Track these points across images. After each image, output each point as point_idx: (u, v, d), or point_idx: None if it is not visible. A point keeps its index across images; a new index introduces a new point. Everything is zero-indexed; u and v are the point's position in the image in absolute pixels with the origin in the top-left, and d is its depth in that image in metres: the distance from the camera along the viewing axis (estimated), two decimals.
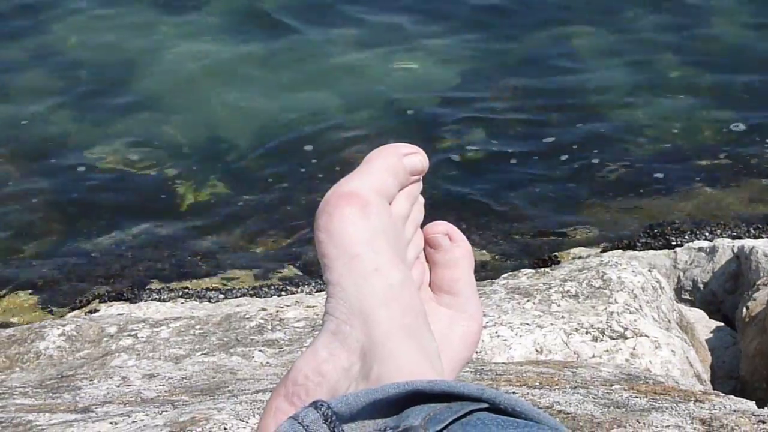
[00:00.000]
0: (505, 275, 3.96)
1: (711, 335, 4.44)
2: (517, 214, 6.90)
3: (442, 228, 1.18)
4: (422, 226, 1.20)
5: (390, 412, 0.92)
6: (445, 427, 0.88)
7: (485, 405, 0.92)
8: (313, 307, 3.79)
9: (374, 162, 1.12)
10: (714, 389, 2.84)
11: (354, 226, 1.06)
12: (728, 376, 4.15)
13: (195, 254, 6.66)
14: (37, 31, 9.29)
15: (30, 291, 6.39)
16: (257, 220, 6.96)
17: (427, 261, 1.20)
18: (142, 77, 8.62)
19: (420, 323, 1.05)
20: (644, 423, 1.95)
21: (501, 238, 6.70)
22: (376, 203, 1.09)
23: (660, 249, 5.85)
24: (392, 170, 1.12)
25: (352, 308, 1.04)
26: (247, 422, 1.94)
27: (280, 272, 6.47)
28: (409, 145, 1.15)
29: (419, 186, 1.18)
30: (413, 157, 1.14)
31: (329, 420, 0.91)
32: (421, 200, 1.19)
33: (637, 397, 2.22)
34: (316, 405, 0.93)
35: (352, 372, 1.01)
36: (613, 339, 3.15)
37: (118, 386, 2.75)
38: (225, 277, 6.44)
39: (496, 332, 3.13)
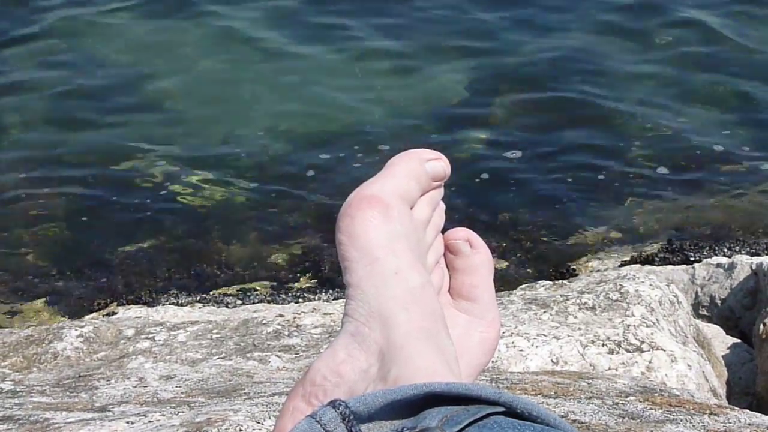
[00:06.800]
0: (523, 286, 3.96)
1: (728, 351, 4.43)
2: (536, 226, 6.90)
3: (462, 234, 1.19)
4: (443, 231, 1.20)
5: (407, 413, 0.93)
6: (461, 430, 0.89)
7: (502, 408, 0.92)
8: (330, 314, 3.80)
9: (397, 166, 1.13)
10: (730, 405, 2.83)
11: (375, 229, 1.07)
12: (744, 393, 4.14)
13: (213, 260, 6.67)
14: (56, 37, 9.34)
15: (49, 294, 6.41)
16: (275, 226, 6.96)
17: (447, 267, 1.20)
18: (161, 84, 8.65)
19: (439, 327, 1.05)
20: None
21: (519, 250, 6.69)
22: (398, 207, 1.09)
23: (678, 264, 5.85)
24: (414, 175, 1.13)
25: (371, 310, 1.04)
26: (262, 424, 1.95)
27: (298, 279, 6.47)
28: (432, 150, 1.15)
29: (441, 192, 1.18)
30: (435, 163, 1.14)
31: (347, 419, 0.92)
32: (443, 206, 1.20)
33: (651, 408, 2.22)
34: (334, 404, 0.93)
35: (370, 373, 1.02)
36: (630, 352, 3.15)
37: (135, 387, 2.76)
38: (243, 283, 6.45)
39: (513, 342, 3.13)
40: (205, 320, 4.01)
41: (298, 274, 6.53)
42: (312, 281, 6.46)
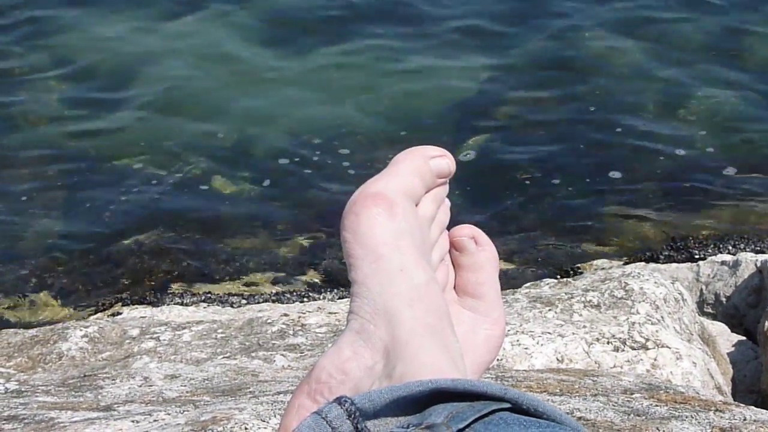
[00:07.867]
0: (528, 284, 3.96)
1: (733, 349, 4.42)
2: (541, 225, 6.89)
3: (467, 231, 1.18)
4: (448, 228, 1.20)
5: (413, 409, 0.93)
6: (467, 426, 0.89)
7: (508, 405, 0.92)
8: (335, 313, 3.80)
9: (401, 164, 1.12)
10: (735, 402, 2.83)
11: (380, 226, 1.07)
12: (749, 390, 4.13)
13: (218, 260, 6.67)
14: (61, 33, 9.34)
15: (53, 293, 6.41)
16: (280, 225, 6.96)
17: (453, 264, 1.20)
18: (167, 79, 8.64)
19: (444, 324, 1.05)
20: (664, 431, 1.95)
21: (524, 248, 6.68)
22: (403, 204, 1.09)
23: (683, 262, 5.84)
24: (419, 172, 1.12)
25: (376, 308, 1.04)
26: (268, 422, 1.95)
27: (303, 279, 6.47)
28: (437, 147, 1.15)
29: (446, 189, 1.18)
30: (440, 160, 1.14)
31: (353, 416, 0.92)
32: (447, 203, 1.19)
33: (657, 405, 2.22)
34: (339, 401, 0.93)
35: (376, 370, 1.02)
36: (635, 349, 3.14)
37: (140, 386, 2.76)
38: (248, 282, 6.45)
39: (518, 340, 3.13)
40: (209, 320, 4.01)
41: (303, 273, 6.53)
42: (317, 280, 6.46)
